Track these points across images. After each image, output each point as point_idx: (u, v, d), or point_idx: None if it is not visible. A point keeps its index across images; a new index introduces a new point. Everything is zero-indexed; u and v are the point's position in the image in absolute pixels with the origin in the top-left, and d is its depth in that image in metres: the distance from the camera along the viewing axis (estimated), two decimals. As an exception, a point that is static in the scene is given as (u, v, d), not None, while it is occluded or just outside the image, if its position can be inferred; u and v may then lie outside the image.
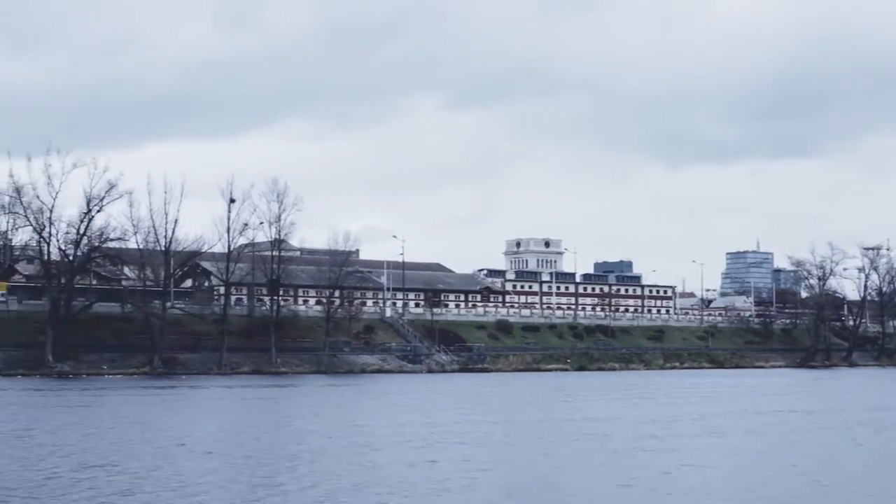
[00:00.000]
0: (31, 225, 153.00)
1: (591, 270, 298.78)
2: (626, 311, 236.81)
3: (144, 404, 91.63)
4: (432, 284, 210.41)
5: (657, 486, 42.17)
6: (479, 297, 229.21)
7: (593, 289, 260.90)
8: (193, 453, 51.53)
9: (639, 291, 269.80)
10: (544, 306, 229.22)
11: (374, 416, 75.95)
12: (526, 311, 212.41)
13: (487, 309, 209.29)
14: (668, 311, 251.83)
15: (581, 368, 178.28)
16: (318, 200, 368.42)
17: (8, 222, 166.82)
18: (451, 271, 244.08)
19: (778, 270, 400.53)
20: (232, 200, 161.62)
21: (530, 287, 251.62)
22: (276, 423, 70.28)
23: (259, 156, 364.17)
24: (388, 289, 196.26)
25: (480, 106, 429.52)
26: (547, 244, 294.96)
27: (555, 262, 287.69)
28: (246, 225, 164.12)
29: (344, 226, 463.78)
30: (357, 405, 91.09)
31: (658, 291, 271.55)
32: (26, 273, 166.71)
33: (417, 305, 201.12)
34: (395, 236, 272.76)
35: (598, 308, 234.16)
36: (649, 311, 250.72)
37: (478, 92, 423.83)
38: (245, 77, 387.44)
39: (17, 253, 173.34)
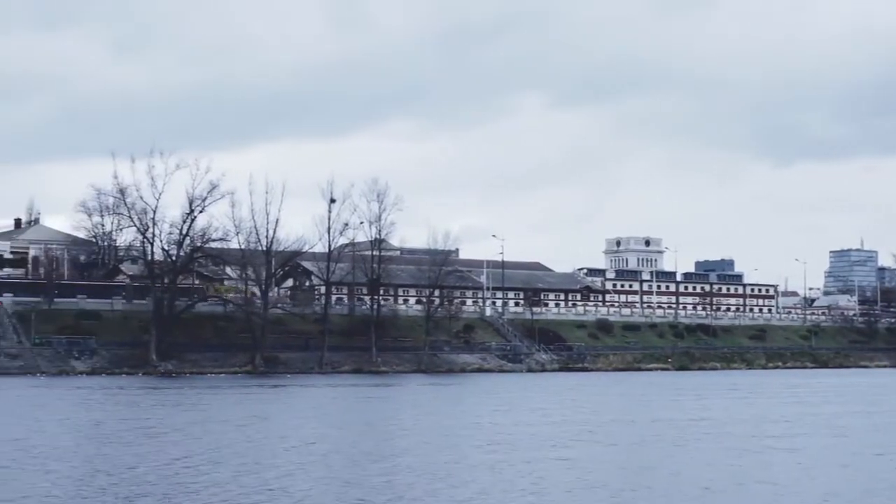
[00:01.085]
0: (135, 226, 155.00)
1: (691, 269, 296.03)
2: (728, 310, 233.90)
3: (260, 402, 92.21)
4: (532, 283, 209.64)
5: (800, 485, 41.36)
6: (578, 297, 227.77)
7: (694, 288, 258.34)
8: (340, 453, 51.15)
9: (740, 290, 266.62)
10: (644, 305, 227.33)
11: (495, 415, 75.17)
12: (626, 311, 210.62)
13: (587, 308, 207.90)
14: (769, 311, 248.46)
15: (682, 368, 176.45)
16: (421, 200, 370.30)
17: (112, 223, 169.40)
18: (550, 270, 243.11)
19: (882, 269, 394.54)
20: (332, 200, 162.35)
21: (630, 286, 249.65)
22: (409, 422, 69.51)
23: (364, 156, 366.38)
24: (488, 288, 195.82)
25: (586, 104, 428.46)
26: (647, 243, 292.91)
27: (655, 260, 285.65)
28: (346, 225, 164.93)
29: (446, 225, 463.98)
30: (472, 403, 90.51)
31: (760, 290, 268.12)
32: (130, 273, 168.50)
33: (517, 305, 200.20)
34: (494, 235, 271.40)
35: (698, 307, 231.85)
36: (751, 310, 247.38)
37: (583, 90, 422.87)
38: (353, 78, 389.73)
39: (122, 253, 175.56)
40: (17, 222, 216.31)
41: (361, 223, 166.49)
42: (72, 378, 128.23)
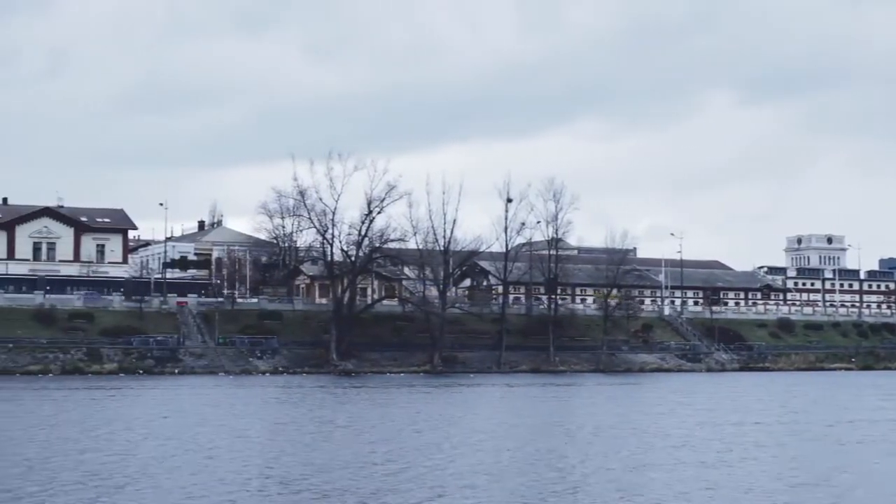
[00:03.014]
0: (315, 227, 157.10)
1: (875, 267, 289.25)
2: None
3: (453, 400, 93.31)
4: (711, 282, 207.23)
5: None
6: (759, 295, 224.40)
7: (878, 286, 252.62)
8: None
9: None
10: (827, 304, 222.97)
11: (694, 415, 74.73)
12: (808, 309, 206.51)
13: (768, 307, 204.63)
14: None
15: (866, 367, 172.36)
16: (604, 199, 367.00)
17: (293, 224, 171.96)
18: (730, 269, 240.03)
19: None
20: (509, 200, 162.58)
21: (812, 284, 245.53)
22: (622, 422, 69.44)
23: (548, 156, 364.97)
24: (666, 287, 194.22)
25: (773, 101, 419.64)
26: (830, 240, 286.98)
27: (838, 258, 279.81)
28: (523, 224, 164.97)
29: (627, 225, 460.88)
30: (668, 403, 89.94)
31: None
32: (310, 273, 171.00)
33: (696, 304, 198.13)
34: (672, 234, 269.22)
35: (883, 305, 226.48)
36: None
37: (771, 87, 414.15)
38: (542, 78, 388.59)
39: (302, 254, 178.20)
40: (201, 224, 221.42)
41: (538, 223, 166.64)
42: (254, 377, 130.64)
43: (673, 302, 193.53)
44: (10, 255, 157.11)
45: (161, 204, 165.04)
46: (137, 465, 44.95)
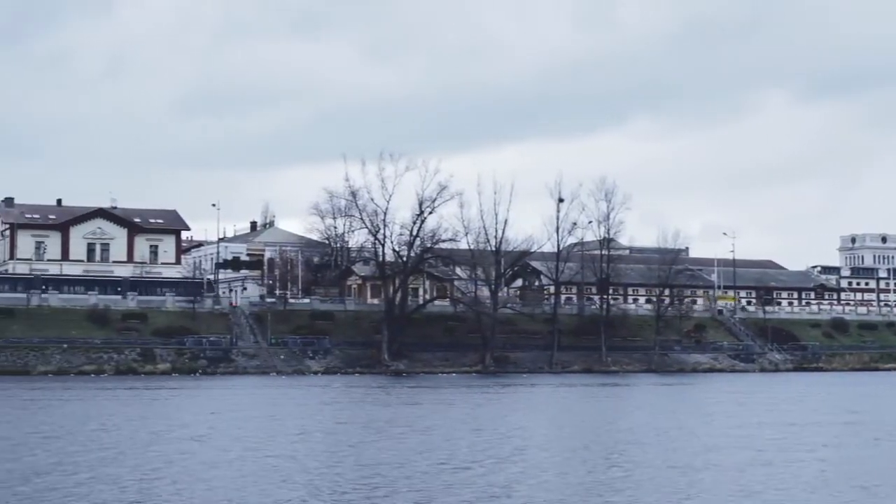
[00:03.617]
0: (367, 227, 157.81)
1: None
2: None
3: (516, 400, 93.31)
4: (764, 282, 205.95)
5: None
6: (812, 295, 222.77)
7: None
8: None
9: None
10: (881, 303, 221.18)
11: (764, 415, 74.04)
12: (862, 309, 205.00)
13: (822, 307, 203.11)
14: None
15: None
16: (657, 198, 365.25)
17: (345, 225, 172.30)
18: (783, 268, 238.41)
19: None
20: (560, 200, 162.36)
21: (866, 284, 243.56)
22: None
23: (602, 155, 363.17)
24: (719, 286, 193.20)
25: (832, 99, 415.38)
26: (884, 240, 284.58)
27: (892, 257, 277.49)
28: (575, 224, 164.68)
29: (680, 224, 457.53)
30: (726, 403, 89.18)
31: None
32: (362, 274, 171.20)
33: (749, 303, 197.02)
34: (724, 233, 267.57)
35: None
36: None
37: (831, 85, 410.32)
38: (597, 78, 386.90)
39: (354, 254, 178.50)
40: (253, 225, 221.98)
41: (590, 222, 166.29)
42: (307, 377, 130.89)
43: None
44: (65, 255, 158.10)
45: (213, 205, 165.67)
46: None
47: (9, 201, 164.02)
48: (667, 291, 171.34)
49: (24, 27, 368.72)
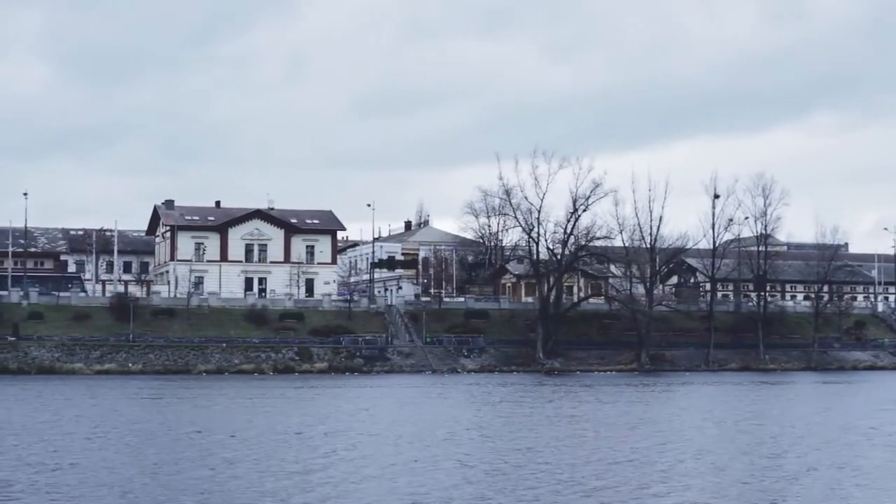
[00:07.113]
0: (521, 225, 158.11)
1: None
2: None
3: (675, 398, 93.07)
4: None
5: None
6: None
7: None
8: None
9: None
10: None
11: None
12: None
13: None
14: None
15: None
16: (826, 193, 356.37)
17: (499, 223, 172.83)
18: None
19: None
20: (716, 196, 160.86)
21: None
22: None
23: (763, 151, 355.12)
24: (880, 283, 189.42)
25: None
26: None
27: None
28: (731, 220, 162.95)
29: (847, 219, 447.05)
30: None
31: None
32: (516, 272, 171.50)
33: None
34: (885, 228, 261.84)
35: None
36: None
37: None
38: (779, 71, 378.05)
39: (508, 253, 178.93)
40: (408, 225, 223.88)
41: (746, 219, 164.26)
42: (462, 375, 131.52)
43: (887, 298, 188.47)
44: (224, 256, 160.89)
45: (368, 205, 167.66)
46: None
47: (169, 203, 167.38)
48: (826, 288, 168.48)
49: (214, 29, 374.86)
